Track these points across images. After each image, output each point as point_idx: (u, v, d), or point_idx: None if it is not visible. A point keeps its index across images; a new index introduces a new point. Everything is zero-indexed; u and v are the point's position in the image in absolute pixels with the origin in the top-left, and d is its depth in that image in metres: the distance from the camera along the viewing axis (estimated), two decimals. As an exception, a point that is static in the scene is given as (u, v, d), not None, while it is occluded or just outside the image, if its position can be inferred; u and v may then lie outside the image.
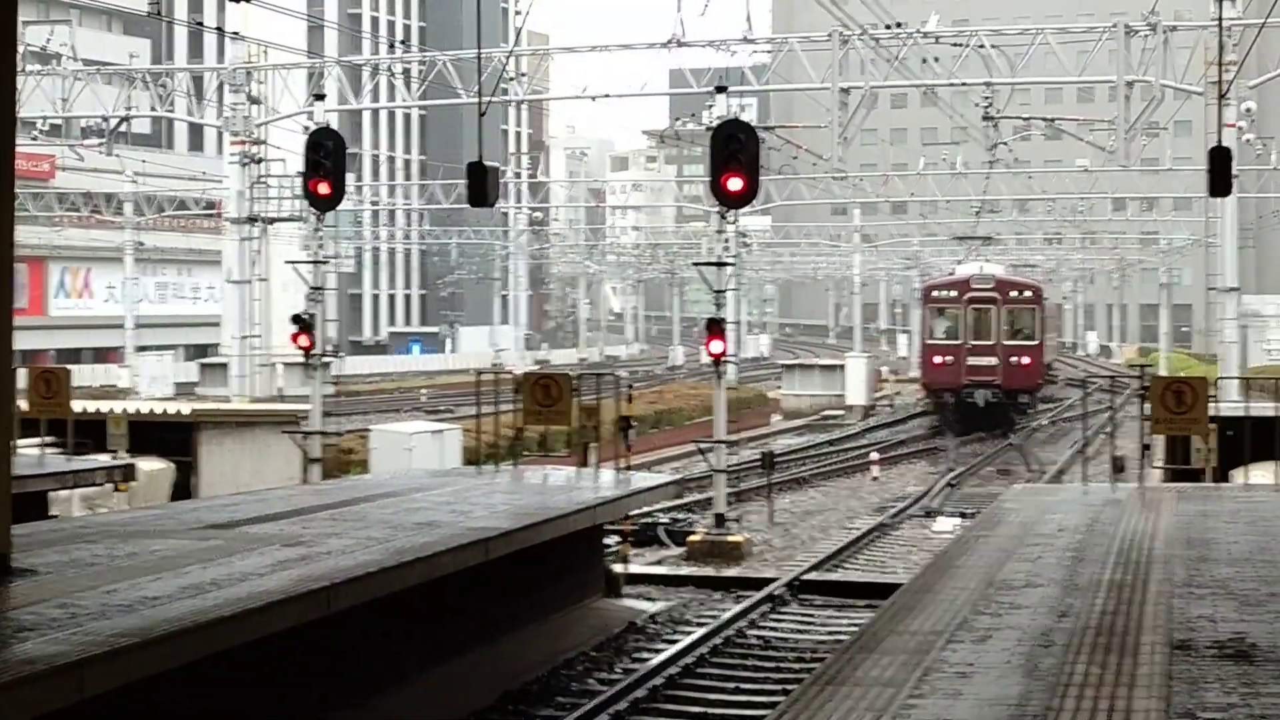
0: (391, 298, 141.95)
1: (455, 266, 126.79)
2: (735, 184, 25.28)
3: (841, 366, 72.79)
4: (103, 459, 26.80)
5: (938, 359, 57.99)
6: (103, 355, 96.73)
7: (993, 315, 57.46)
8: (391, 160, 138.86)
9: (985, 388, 56.17)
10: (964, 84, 43.44)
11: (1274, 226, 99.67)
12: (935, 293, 60.31)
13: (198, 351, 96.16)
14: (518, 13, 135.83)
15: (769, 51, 48.95)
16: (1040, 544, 16.48)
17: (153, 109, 53.84)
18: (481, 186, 21.98)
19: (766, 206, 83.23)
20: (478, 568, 16.44)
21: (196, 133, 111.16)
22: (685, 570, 26.64)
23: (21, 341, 15.86)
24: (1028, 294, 59.49)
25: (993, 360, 56.60)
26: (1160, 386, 21.55)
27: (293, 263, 32.95)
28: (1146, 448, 23.54)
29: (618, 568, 24.03)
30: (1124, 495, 21.16)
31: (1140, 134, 43.53)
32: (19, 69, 14.81)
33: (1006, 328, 57.43)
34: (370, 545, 15.49)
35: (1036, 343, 58.01)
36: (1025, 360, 57.17)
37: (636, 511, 27.31)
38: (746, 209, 35.11)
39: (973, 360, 56.60)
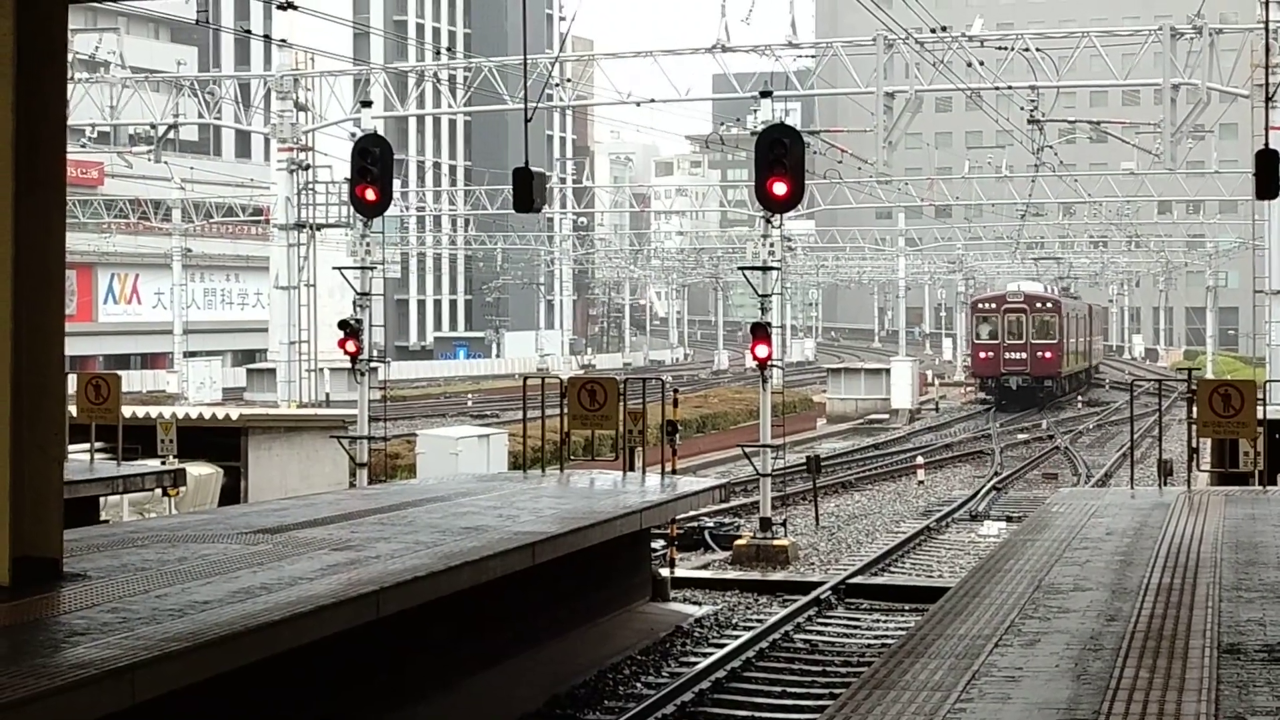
0: (437, 303, 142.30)
1: (500, 271, 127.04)
2: (780, 188, 25.28)
3: (886, 370, 72.79)
4: (152, 464, 26.93)
5: (982, 354, 76.02)
6: (151, 361, 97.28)
7: (1023, 321, 75.23)
8: (437, 166, 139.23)
9: (1017, 375, 74.17)
10: (1009, 87, 43.38)
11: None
12: (980, 305, 79.23)
13: (245, 357, 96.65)
14: (562, 19, 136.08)
15: (813, 56, 48.99)
16: (1088, 547, 16.45)
17: (200, 116, 54.15)
18: (527, 192, 22.01)
19: (811, 210, 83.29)
20: (525, 572, 16.47)
21: (244, 139, 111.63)
22: (731, 574, 26.63)
23: (71, 347, 15.94)
24: (1050, 305, 77.21)
25: (1023, 355, 74.50)
26: (1208, 389, 21.48)
27: (340, 268, 33.05)
28: (1194, 451, 23.46)
29: (664, 572, 24.05)
30: (1171, 498, 21.09)
31: (1186, 137, 43.37)
32: (68, 77, 14.94)
33: (1033, 330, 75.20)
34: (418, 550, 15.53)
35: (1056, 342, 75.78)
36: (1048, 355, 75.17)
37: (682, 515, 27.32)
38: (791, 213, 35.11)
39: (1008, 355, 74.53)
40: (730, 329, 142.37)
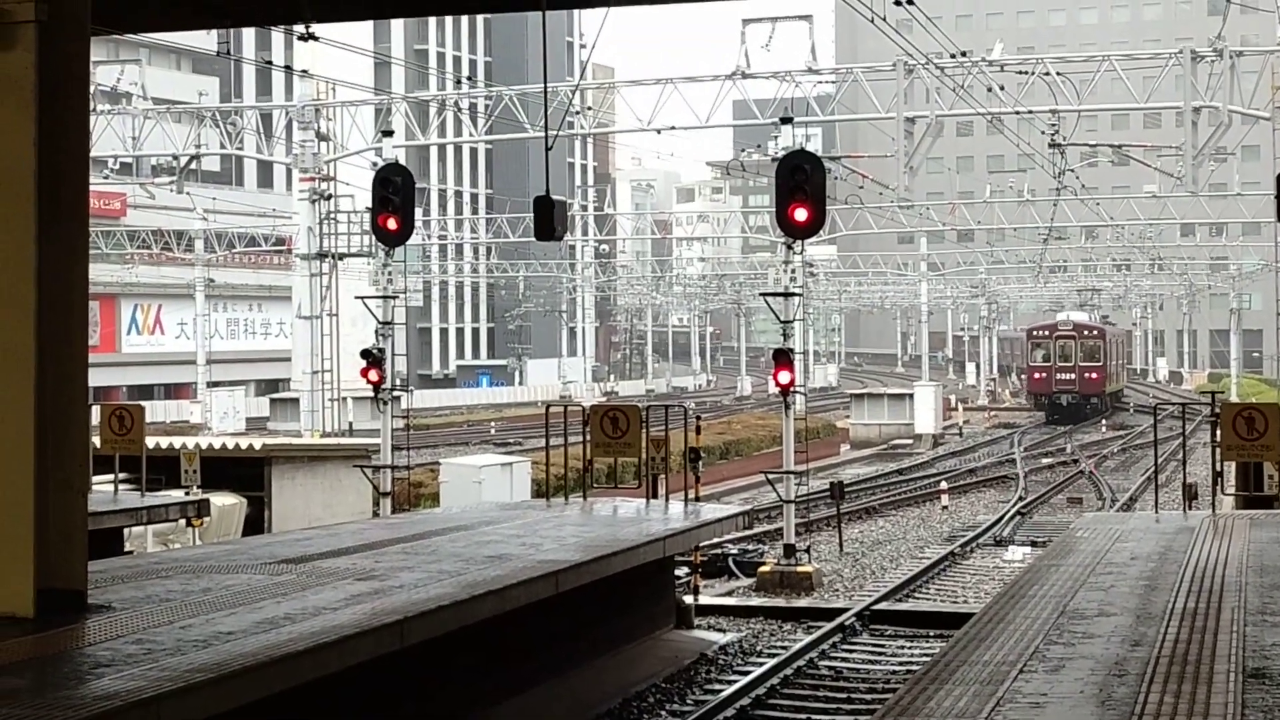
0: (460, 331, 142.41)
1: (523, 299, 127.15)
2: (801, 214, 25.26)
3: (910, 395, 72.69)
4: (176, 495, 27.00)
5: (1037, 375, 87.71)
6: (174, 391, 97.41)
7: (1072, 346, 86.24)
8: (459, 194, 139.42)
9: (1067, 393, 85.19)
10: (1030, 111, 43.32)
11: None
12: (1034, 333, 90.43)
13: (269, 386, 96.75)
14: (583, 47, 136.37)
15: (833, 82, 48.96)
16: (1112, 572, 16.41)
17: (222, 146, 54.24)
18: (548, 220, 22.01)
19: (833, 236, 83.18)
20: (549, 600, 16.46)
21: (266, 170, 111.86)
22: (755, 601, 26.59)
23: (94, 378, 15.98)
24: (1095, 333, 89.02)
25: (1072, 376, 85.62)
26: (1231, 413, 21.42)
27: (362, 298, 33.12)
28: (1218, 475, 23.39)
29: (688, 599, 24.02)
30: (1196, 522, 21.04)
31: (1208, 159, 43.28)
32: (90, 108, 15.00)
33: (1081, 354, 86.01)
34: (442, 579, 15.53)
35: (1101, 364, 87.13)
36: (1094, 375, 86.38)
37: (706, 543, 27.30)
38: (813, 239, 35.09)
39: (1059, 376, 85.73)
40: (753, 355, 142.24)
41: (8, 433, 13.19)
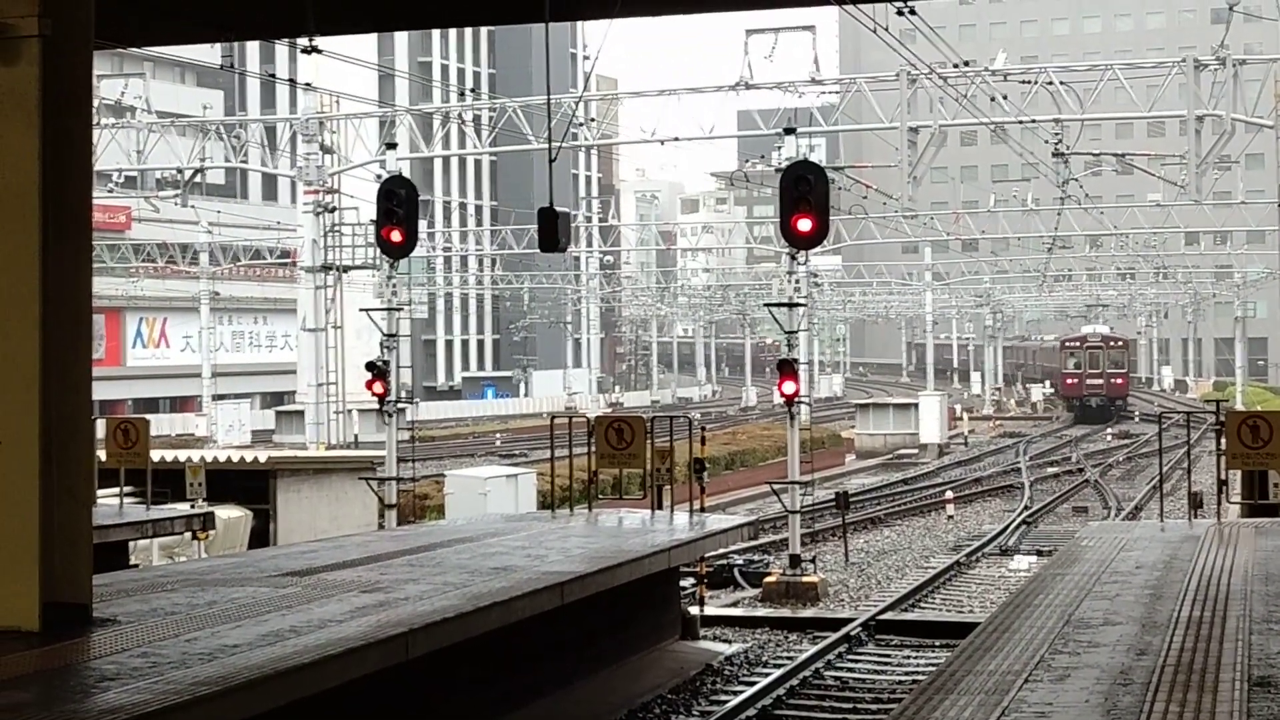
0: (465, 343, 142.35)
1: (528, 311, 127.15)
2: (805, 225, 25.29)
3: (915, 405, 72.62)
4: (181, 508, 26.98)
5: (1069, 380, 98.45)
6: (180, 404, 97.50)
7: (1101, 355, 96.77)
8: (463, 206, 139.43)
9: (1096, 396, 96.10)
10: (1033, 121, 43.33)
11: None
12: (1067, 343, 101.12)
13: (274, 399, 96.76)
14: (586, 58, 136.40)
15: (837, 92, 48.97)
16: (1118, 581, 16.40)
17: (227, 160, 54.31)
18: (552, 232, 22.00)
19: (837, 246, 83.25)
20: (554, 612, 16.46)
21: (270, 183, 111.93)
22: (761, 611, 26.59)
23: (99, 392, 16.01)
24: (1120, 343, 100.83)
25: (1100, 381, 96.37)
26: (1236, 421, 21.40)
27: (367, 310, 33.14)
28: (1223, 483, 23.36)
29: (693, 610, 24.01)
30: (1201, 531, 21.02)
31: (1212, 167, 43.27)
32: (94, 122, 15.02)
33: (1108, 362, 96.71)
34: (447, 591, 15.53)
35: (1125, 370, 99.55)
36: (1119, 380, 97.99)
37: (712, 553, 27.28)
38: (817, 249, 35.09)
39: (1089, 381, 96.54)
40: (758, 365, 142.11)
41: (13, 445, 13.19)
